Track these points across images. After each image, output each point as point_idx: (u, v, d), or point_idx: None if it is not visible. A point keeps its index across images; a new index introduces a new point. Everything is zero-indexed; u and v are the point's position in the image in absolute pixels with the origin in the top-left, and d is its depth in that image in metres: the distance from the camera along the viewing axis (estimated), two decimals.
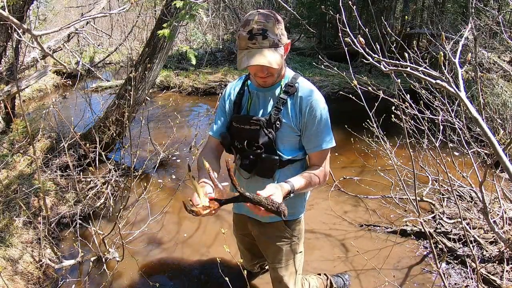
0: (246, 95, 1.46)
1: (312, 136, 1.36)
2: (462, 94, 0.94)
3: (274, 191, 1.17)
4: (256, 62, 1.19)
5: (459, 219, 2.52)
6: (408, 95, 2.35)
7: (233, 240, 1.94)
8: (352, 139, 3.20)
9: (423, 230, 2.01)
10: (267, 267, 2.14)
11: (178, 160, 3.98)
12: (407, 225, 2.70)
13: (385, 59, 1.09)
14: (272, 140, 1.35)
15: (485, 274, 2.13)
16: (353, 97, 2.22)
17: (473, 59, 3.38)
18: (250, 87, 1.45)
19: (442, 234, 2.55)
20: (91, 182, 3.24)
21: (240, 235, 1.81)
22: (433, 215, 2.75)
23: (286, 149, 1.39)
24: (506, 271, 2.14)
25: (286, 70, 1.42)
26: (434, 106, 2.79)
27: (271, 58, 1.21)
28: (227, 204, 1.16)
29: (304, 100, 1.35)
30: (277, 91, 1.39)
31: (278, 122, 1.34)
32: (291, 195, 1.26)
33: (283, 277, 1.58)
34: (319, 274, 2.04)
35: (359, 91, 1.90)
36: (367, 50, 1.21)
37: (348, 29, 1.39)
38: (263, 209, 1.12)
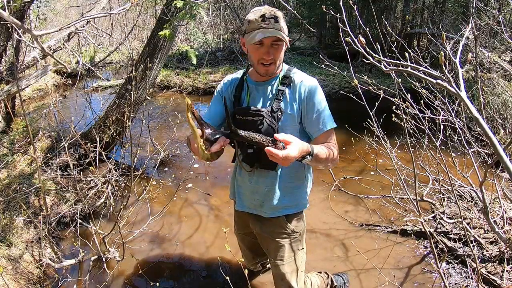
0: (245, 89, 1.49)
1: (314, 119, 1.40)
2: (463, 94, 0.94)
3: (293, 140, 1.16)
4: (272, 34, 1.27)
5: (460, 219, 2.52)
6: (408, 94, 2.35)
7: (234, 239, 1.94)
8: (352, 138, 3.20)
9: (423, 229, 2.01)
10: (268, 266, 2.14)
11: (178, 160, 3.98)
12: (407, 225, 2.70)
13: (385, 59, 1.09)
14: (275, 130, 1.37)
15: (485, 274, 2.13)
16: (354, 97, 2.22)
17: (474, 58, 3.38)
18: (249, 82, 1.48)
19: (442, 234, 2.55)
20: (91, 181, 3.24)
21: (241, 234, 1.81)
22: (433, 214, 2.74)
23: None
24: (507, 271, 2.13)
25: (282, 64, 1.48)
26: (435, 105, 2.78)
27: (282, 36, 1.29)
28: (219, 140, 1.13)
29: (301, 87, 1.41)
30: (275, 84, 1.44)
31: (280, 113, 1.39)
32: (309, 157, 1.24)
33: (285, 274, 1.58)
34: (320, 272, 2.04)
35: (360, 91, 1.90)
36: (368, 49, 1.21)
37: (348, 29, 1.40)
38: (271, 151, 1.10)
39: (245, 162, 1.45)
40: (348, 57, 2.23)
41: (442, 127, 2.38)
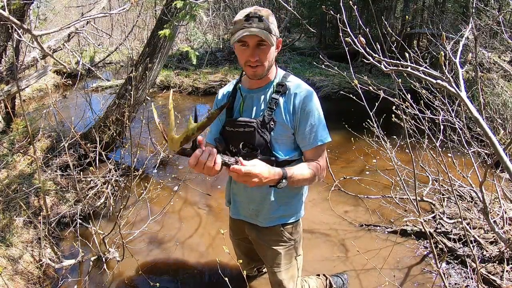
0: (238, 99, 1.45)
1: (307, 133, 1.35)
2: (463, 94, 0.94)
3: (257, 162, 1.17)
4: (249, 32, 1.22)
5: (459, 219, 2.52)
6: (408, 94, 2.35)
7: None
8: (352, 139, 3.20)
9: (423, 230, 2.01)
10: (264, 270, 2.13)
11: (178, 160, 3.98)
12: (407, 225, 2.70)
13: (385, 59, 1.09)
14: (267, 141, 1.34)
15: (485, 274, 2.13)
16: (354, 97, 2.22)
17: (474, 59, 3.38)
18: (242, 90, 1.44)
19: (442, 234, 2.55)
20: (91, 181, 3.24)
21: (237, 240, 1.78)
22: (433, 215, 2.75)
23: (282, 149, 1.38)
24: (506, 271, 2.13)
25: (277, 70, 1.43)
26: (435, 106, 2.78)
27: (264, 35, 1.23)
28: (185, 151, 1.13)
29: (297, 97, 1.35)
30: (269, 91, 1.39)
31: (272, 123, 1.34)
32: (284, 181, 1.24)
33: (282, 281, 1.56)
34: (318, 275, 2.03)
35: (360, 91, 1.90)
36: (368, 50, 1.21)
37: (348, 29, 1.39)
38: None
39: None
40: (348, 57, 2.23)
41: (442, 127, 2.38)
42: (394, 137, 2.77)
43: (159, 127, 1.14)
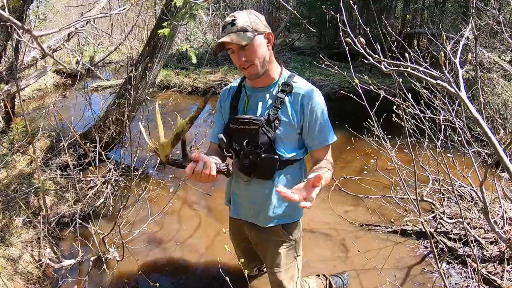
0: (242, 97, 1.45)
1: (316, 132, 1.37)
2: (463, 94, 0.94)
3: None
4: (220, 40, 1.26)
5: (460, 219, 2.52)
6: (409, 94, 2.35)
7: None
8: (352, 138, 3.20)
9: (423, 229, 2.01)
10: (265, 269, 2.12)
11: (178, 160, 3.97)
12: (407, 225, 2.70)
13: (385, 60, 1.09)
14: (271, 139, 1.34)
15: (485, 274, 2.13)
16: (354, 97, 2.22)
17: (474, 58, 3.37)
18: (247, 89, 1.45)
19: (442, 234, 2.55)
20: (91, 181, 3.23)
21: (237, 240, 1.78)
22: (433, 214, 2.74)
23: (286, 148, 1.38)
24: (507, 271, 2.13)
25: (283, 70, 1.43)
26: (435, 105, 2.78)
27: (236, 37, 1.25)
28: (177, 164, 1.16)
29: (304, 97, 1.36)
30: (275, 90, 1.40)
31: (277, 121, 1.35)
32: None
33: (282, 281, 1.56)
34: (318, 275, 2.03)
35: (360, 91, 1.90)
36: (368, 50, 1.21)
37: (348, 29, 1.39)
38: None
39: (242, 172, 1.42)
40: (348, 57, 2.23)
41: (442, 127, 2.38)
42: (390, 136, 2.77)
43: (149, 142, 1.17)
